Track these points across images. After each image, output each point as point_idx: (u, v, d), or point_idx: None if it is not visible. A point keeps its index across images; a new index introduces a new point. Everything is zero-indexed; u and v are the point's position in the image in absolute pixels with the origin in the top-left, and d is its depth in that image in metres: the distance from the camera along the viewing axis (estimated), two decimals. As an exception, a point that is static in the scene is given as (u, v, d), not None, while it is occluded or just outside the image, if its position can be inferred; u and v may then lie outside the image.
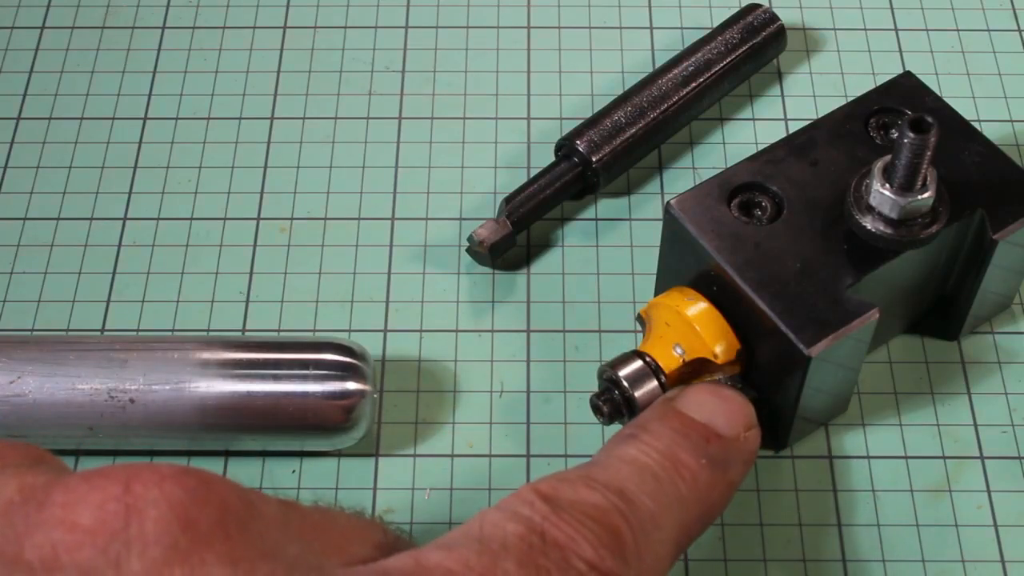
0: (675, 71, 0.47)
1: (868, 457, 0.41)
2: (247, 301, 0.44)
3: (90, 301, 0.44)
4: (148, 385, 0.38)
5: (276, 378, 0.38)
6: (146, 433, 0.38)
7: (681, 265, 0.40)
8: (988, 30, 0.51)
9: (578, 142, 0.45)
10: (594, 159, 0.45)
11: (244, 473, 0.40)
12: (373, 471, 0.40)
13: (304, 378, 0.38)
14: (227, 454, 0.41)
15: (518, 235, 0.44)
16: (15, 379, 0.38)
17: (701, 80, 0.47)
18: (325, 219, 0.46)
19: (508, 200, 0.44)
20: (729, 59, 0.48)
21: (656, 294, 0.42)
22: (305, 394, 0.38)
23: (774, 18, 0.49)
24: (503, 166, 0.47)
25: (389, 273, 0.45)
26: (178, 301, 0.44)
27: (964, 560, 0.39)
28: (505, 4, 0.52)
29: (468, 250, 0.44)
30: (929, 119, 0.36)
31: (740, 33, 0.48)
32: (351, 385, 0.38)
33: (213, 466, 0.40)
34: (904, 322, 0.43)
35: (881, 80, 0.46)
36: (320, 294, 0.44)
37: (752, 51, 0.48)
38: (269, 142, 0.48)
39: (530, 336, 0.43)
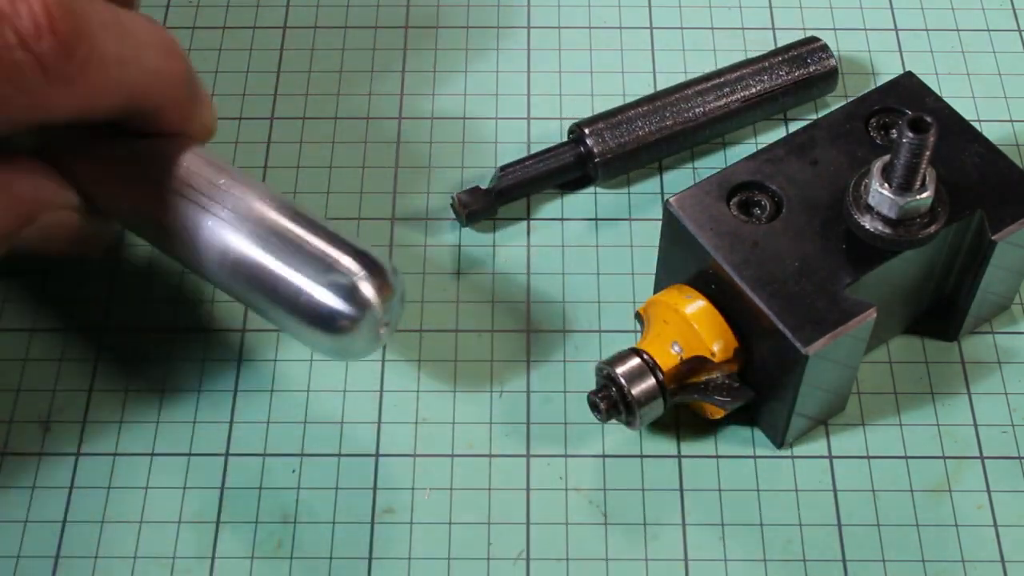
0: (709, 86, 0.47)
1: (868, 457, 0.41)
2: (247, 301, 0.44)
3: (90, 301, 0.44)
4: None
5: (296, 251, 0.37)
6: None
7: (680, 263, 0.40)
8: (988, 30, 0.51)
9: (586, 129, 0.45)
10: (596, 150, 0.45)
11: (244, 473, 0.40)
12: (373, 471, 0.40)
13: (318, 267, 0.37)
14: (227, 454, 0.41)
15: (502, 205, 0.45)
16: None
17: (730, 104, 0.47)
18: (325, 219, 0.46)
19: (503, 168, 0.45)
20: (768, 88, 0.47)
21: (655, 292, 0.42)
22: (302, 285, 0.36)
23: (828, 56, 0.48)
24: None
25: (389, 273, 0.45)
26: (178, 301, 0.44)
27: (964, 560, 0.39)
28: (505, 4, 0.52)
29: (451, 206, 0.46)
30: (928, 119, 0.36)
31: (788, 65, 0.47)
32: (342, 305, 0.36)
33: (213, 465, 0.40)
34: (903, 322, 0.43)
35: (881, 80, 0.46)
36: (320, 294, 0.44)
37: (796, 87, 0.48)
38: (269, 142, 0.48)
39: (530, 336, 0.43)
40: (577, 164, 0.46)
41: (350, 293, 0.36)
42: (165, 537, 0.39)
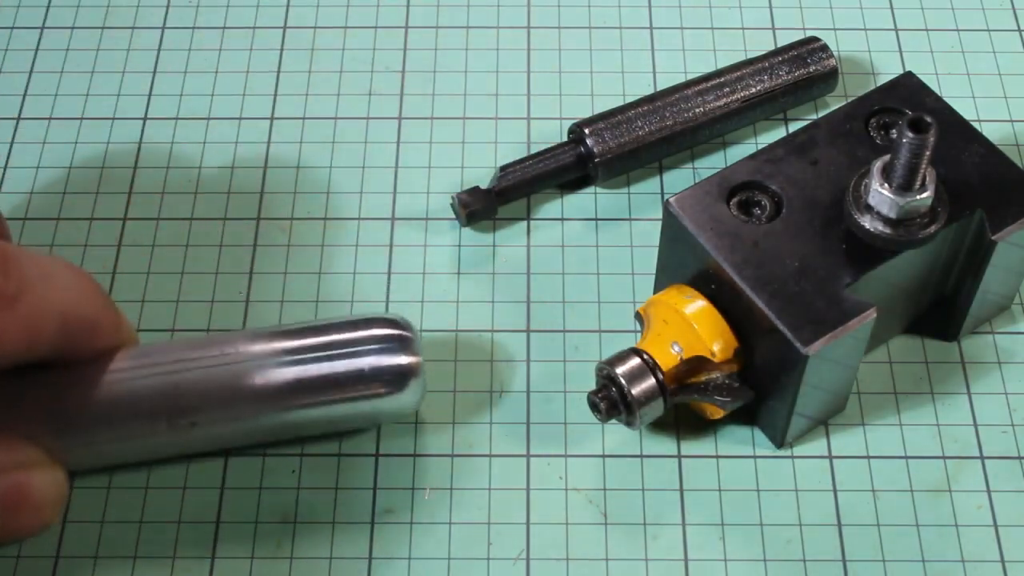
0: (708, 86, 0.47)
1: (868, 457, 0.41)
2: (247, 301, 0.44)
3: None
4: (209, 415, 0.38)
5: (330, 359, 0.38)
6: (211, 446, 0.39)
7: (680, 263, 0.40)
8: (988, 30, 0.51)
9: (585, 130, 0.45)
10: (596, 150, 0.45)
11: (244, 473, 0.40)
12: (373, 471, 0.40)
13: (357, 354, 0.38)
14: (227, 453, 0.41)
15: (502, 205, 0.46)
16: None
17: (730, 104, 0.47)
18: (325, 219, 0.46)
19: (503, 168, 0.45)
20: (768, 88, 0.47)
21: (655, 292, 0.42)
22: (361, 371, 0.38)
23: (828, 56, 0.48)
24: (503, 166, 0.47)
25: (389, 273, 0.45)
26: (178, 301, 0.44)
27: (964, 560, 0.39)
28: (505, 4, 0.52)
29: (451, 206, 0.46)
30: (928, 119, 0.36)
31: (788, 65, 0.47)
32: (403, 358, 0.38)
33: (213, 465, 0.40)
34: (903, 322, 0.43)
35: (881, 80, 0.46)
36: (320, 294, 0.44)
37: (796, 86, 0.48)
38: (269, 142, 0.48)
39: (530, 336, 0.43)
40: (577, 164, 0.46)
41: (402, 346, 0.38)
42: (165, 537, 0.39)
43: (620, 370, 0.38)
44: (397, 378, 0.38)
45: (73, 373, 0.37)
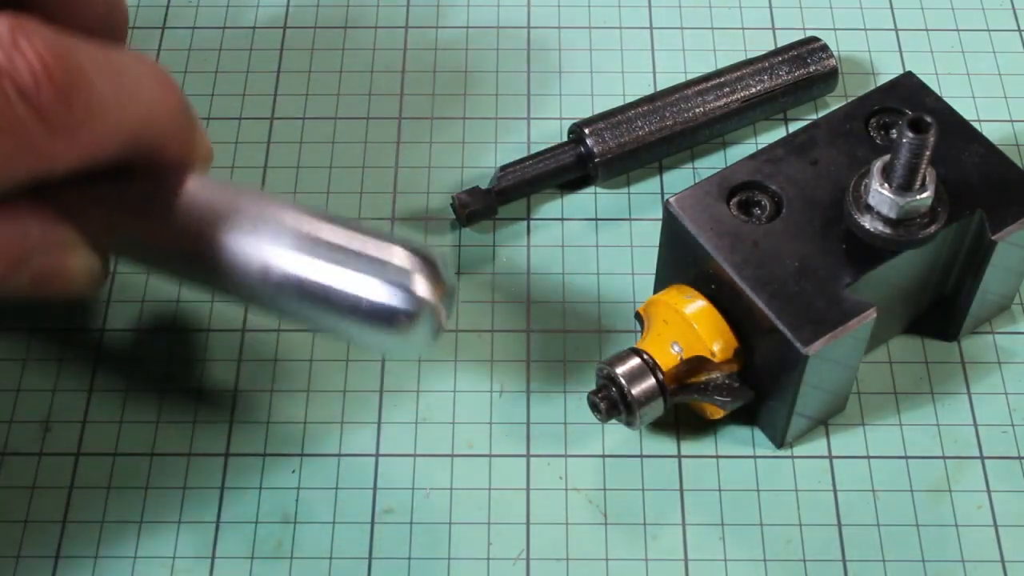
0: (708, 86, 0.47)
1: (868, 457, 0.41)
2: (247, 301, 0.44)
3: (90, 301, 0.44)
4: (221, 269, 0.36)
5: (342, 269, 0.36)
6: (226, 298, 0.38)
7: (680, 263, 0.40)
8: (988, 30, 0.51)
9: (586, 130, 0.46)
10: (596, 150, 0.45)
11: (244, 471, 0.40)
12: (373, 471, 0.40)
13: (368, 272, 0.35)
14: (227, 454, 0.41)
15: (502, 205, 0.46)
16: None
17: (730, 104, 0.47)
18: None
19: (503, 168, 0.46)
20: (768, 88, 0.47)
21: (655, 292, 0.42)
22: (358, 299, 0.35)
23: (828, 56, 0.48)
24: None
25: (389, 273, 0.45)
26: (178, 301, 0.44)
27: (964, 560, 0.39)
28: (505, 4, 0.52)
29: (451, 206, 0.46)
30: (928, 119, 0.36)
31: (788, 65, 0.48)
32: (410, 298, 0.35)
33: (213, 465, 0.40)
34: (903, 322, 0.43)
35: (881, 80, 0.46)
36: (320, 294, 0.44)
37: (796, 86, 0.48)
38: (269, 142, 0.48)
39: (530, 336, 0.43)
40: (577, 164, 0.46)
41: (412, 287, 0.35)
42: (165, 537, 0.39)
43: (620, 370, 0.38)
44: (398, 317, 0.35)
45: (124, 179, 0.37)
